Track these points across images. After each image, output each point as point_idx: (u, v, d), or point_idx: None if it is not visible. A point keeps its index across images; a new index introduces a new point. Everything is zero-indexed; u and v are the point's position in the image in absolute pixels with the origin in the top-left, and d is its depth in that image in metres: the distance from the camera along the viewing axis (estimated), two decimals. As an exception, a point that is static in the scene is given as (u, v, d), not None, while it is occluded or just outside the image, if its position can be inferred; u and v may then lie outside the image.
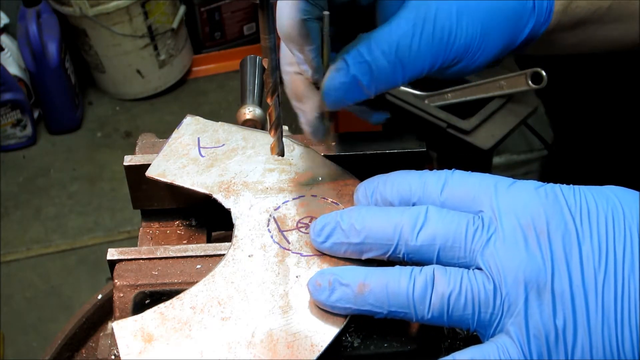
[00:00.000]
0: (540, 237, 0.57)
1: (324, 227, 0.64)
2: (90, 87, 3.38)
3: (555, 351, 0.56)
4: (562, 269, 0.56)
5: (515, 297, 0.56)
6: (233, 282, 0.64)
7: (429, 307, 0.58)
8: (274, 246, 0.67)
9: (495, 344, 0.57)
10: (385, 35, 0.67)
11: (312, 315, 0.62)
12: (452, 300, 0.57)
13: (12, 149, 3.12)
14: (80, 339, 1.00)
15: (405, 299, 0.58)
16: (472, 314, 0.57)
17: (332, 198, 0.72)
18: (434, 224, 0.60)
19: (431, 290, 0.58)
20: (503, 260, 0.57)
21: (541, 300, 0.56)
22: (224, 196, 0.72)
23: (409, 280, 0.58)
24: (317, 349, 0.60)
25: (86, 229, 2.79)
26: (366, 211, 0.63)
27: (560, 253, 0.57)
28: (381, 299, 0.59)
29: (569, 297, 0.56)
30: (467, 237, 0.59)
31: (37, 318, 2.49)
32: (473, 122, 1.46)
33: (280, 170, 0.74)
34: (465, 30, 0.69)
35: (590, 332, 0.55)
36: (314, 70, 0.68)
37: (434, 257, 0.60)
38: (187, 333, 0.60)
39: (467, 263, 0.59)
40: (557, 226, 0.57)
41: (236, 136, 0.78)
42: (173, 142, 0.77)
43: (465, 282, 0.57)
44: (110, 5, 2.98)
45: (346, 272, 0.61)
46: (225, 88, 3.40)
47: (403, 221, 0.60)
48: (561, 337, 0.56)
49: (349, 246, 0.63)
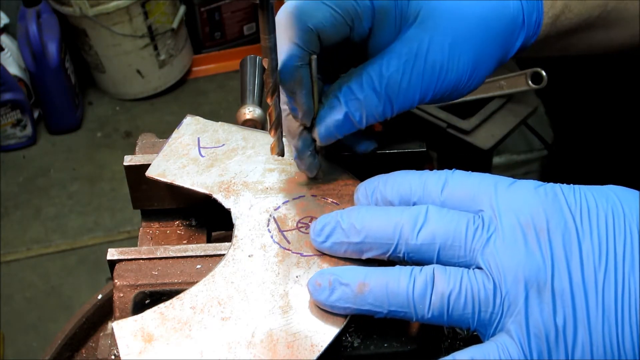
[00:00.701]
0: (540, 235, 0.57)
1: (324, 226, 0.64)
2: (90, 87, 3.38)
3: (555, 350, 0.56)
4: (562, 268, 0.56)
5: (515, 296, 0.56)
6: (233, 282, 0.64)
7: (429, 307, 0.58)
8: (274, 246, 0.67)
9: (495, 343, 0.57)
10: (376, 72, 0.68)
11: (312, 316, 0.62)
12: (452, 300, 0.57)
13: (12, 149, 3.12)
14: (80, 339, 1.00)
15: (405, 299, 0.58)
16: (472, 313, 0.57)
17: (332, 198, 0.72)
18: (434, 223, 0.60)
19: (431, 289, 0.58)
20: (503, 259, 0.57)
21: (541, 299, 0.56)
22: (224, 196, 0.72)
23: (408, 279, 0.58)
24: (317, 349, 0.60)
25: (86, 229, 2.79)
26: (366, 211, 0.63)
27: (560, 251, 0.57)
28: (381, 299, 0.59)
29: (569, 295, 0.56)
30: (467, 236, 0.59)
31: (37, 318, 2.49)
32: (473, 122, 1.46)
33: (280, 170, 0.74)
34: (457, 64, 0.69)
35: (590, 331, 0.55)
36: (304, 113, 0.69)
37: (434, 257, 0.60)
38: (187, 333, 0.60)
39: (467, 262, 0.59)
40: (557, 225, 0.58)
41: (236, 136, 0.78)
42: (173, 142, 0.77)
43: (465, 282, 0.57)
44: (110, 5, 2.98)
45: (346, 272, 0.61)
46: (225, 88, 3.40)
47: (403, 220, 0.61)
48: (561, 335, 0.56)
49: (349, 246, 0.63)
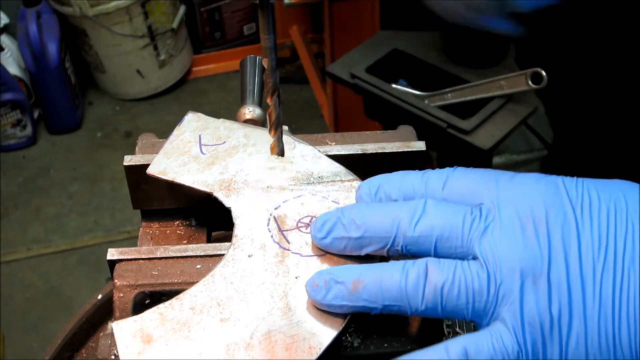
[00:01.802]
0: (538, 226, 0.57)
1: (324, 223, 0.64)
2: (90, 87, 3.38)
3: (550, 339, 0.56)
4: (560, 258, 0.56)
5: (511, 286, 0.56)
6: (232, 282, 0.64)
7: (423, 299, 0.58)
8: (273, 246, 0.67)
9: (489, 332, 0.57)
10: None
11: (311, 317, 0.61)
12: (445, 291, 0.57)
13: (12, 149, 3.12)
14: (80, 339, 1.00)
15: (398, 293, 0.58)
16: (466, 303, 0.57)
17: (332, 197, 0.71)
18: (431, 216, 0.60)
19: (424, 281, 0.58)
20: (499, 249, 0.57)
21: (537, 289, 0.56)
22: (225, 194, 0.71)
23: (401, 273, 0.59)
24: (315, 351, 0.59)
25: (86, 229, 2.79)
26: (366, 206, 0.63)
27: (558, 242, 0.57)
28: (375, 294, 0.59)
29: (566, 286, 0.56)
30: (464, 227, 0.59)
31: (37, 318, 2.49)
32: (473, 122, 1.46)
33: (281, 168, 0.74)
34: None
35: (586, 322, 0.55)
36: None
37: (431, 249, 0.60)
38: (186, 334, 0.60)
39: (464, 253, 0.59)
40: (556, 216, 0.57)
41: (237, 133, 0.78)
42: (174, 140, 0.77)
43: (459, 272, 0.57)
44: (110, 5, 2.98)
45: (342, 270, 0.61)
46: (225, 88, 3.40)
47: (401, 214, 0.61)
48: (556, 325, 0.55)
49: (349, 241, 0.63)
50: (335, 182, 0.73)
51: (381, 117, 1.68)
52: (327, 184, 0.73)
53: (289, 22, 3.38)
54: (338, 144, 0.79)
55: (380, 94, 1.56)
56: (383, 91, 1.56)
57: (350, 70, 1.60)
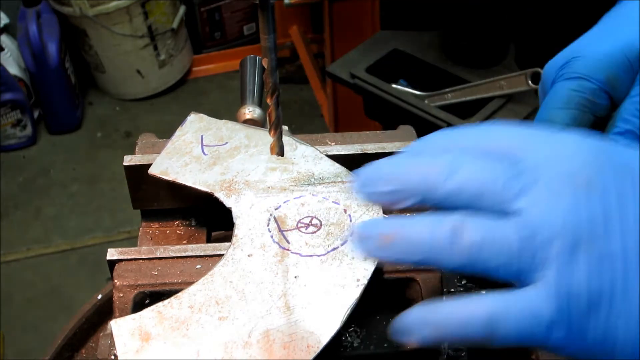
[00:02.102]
0: (590, 189, 0.52)
1: (366, 177, 0.59)
2: (90, 87, 3.38)
3: (595, 315, 0.51)
4: (615, 227, 0.51)
5: (549, 251, 0.52)
6: (231, 281, 0.64)
7: (455, 256, 0.53)
8: (273, 246, 0.67)
9: (520, 295, 0.52)
10: None
11: (309, 316, 0.62)
12: (479, 249, 0.53)
13: (12, 149, 3.12)
14: (80, 339, 1.00)
15: (429, 247, 0.54)
16: (498, 265, 0.52)
17: (333, 198, 0.72)
18: (466, 171, 0.55)
19: (457, 238, 0.53)
20: (541, 211, 0.52)
21: (586, 257, 0.51)
22: (225, 195, 0.72)
23: (434, 227, 0.54)
24: (313, 350, 0.59)
25: (86, 229, 2.79)
26: (400, 159, 0.59)
27: (614, 210, 0.52)
28: (407, 249, 0.55)
29: (622, 258, 0.51)
30: (501, 184, 0.54)
31: (37, 318, 2.49)
32: (473, 122, 1.46)
33: (282, 169, 0.74)
34: None
35: (629, 300, 0.50)
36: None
37: (466, 205, 0.55)
38: (184, 332, 0.60)
39: (501, 211, 0.54)
40: (613, 180, 0.52)
41: (239, 134, 0.78)
42: (176, 140, 0.77)
43: (495, 231, 0.53)
44: (110, 5, 2.98)
45: (376, 223, 0.57)
46: (225, 88, 3.40)
47: (435, 169, 0.56)
48: (606, 300, 0.51)
49: (380, 195, 0.58)
50: (336, 183, 0.73)
51: (381, 117, 1.68)
52: (328, 184, 0.73)
53: (289, 22, 3.39)
54: (338, 144, 0.79)
55: (380, 94, 1.56)
56: (383, 91, 1.56)
57: (350, 70, 1.61)
